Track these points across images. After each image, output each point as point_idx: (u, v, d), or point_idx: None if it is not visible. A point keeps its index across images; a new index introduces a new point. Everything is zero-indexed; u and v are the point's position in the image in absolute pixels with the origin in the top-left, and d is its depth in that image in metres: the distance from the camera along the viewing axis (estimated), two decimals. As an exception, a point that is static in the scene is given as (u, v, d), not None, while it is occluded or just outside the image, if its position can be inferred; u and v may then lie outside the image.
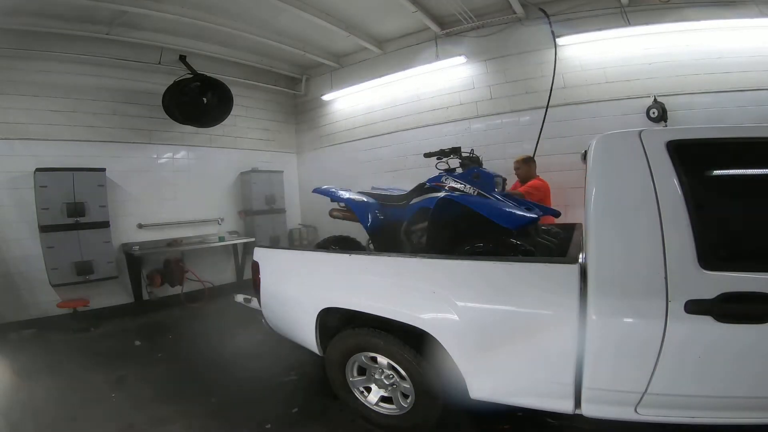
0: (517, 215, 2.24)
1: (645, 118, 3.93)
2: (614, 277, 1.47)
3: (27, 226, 4.17)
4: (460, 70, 5.05)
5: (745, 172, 1.58)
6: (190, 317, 4.61)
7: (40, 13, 3.93)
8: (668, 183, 1.46)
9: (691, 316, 1.35)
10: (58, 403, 2.56)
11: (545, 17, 4.31)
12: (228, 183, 6.05)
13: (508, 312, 1.64)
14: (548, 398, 1.63)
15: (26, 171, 4.18)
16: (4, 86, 4.14)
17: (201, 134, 5.56)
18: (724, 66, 3.68)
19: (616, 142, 1.64)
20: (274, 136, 6.72)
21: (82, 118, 4.64)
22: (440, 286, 1.77)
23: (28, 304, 4.17)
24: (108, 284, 4.58)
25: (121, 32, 4.45)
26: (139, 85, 5.04)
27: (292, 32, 5.11)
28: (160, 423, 2.30)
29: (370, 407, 2.16)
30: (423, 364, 1.88)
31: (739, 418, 1.43)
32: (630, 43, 4.05)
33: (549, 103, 4.38)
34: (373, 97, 5.85)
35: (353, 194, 3.08)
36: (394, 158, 5.66)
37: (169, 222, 5.32)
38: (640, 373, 1.43)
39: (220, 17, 4.52)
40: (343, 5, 4.57)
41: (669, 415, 1.49)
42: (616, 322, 1.45)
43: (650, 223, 1.44)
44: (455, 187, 2.64)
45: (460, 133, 5.03)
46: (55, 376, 2.98)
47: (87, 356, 3.44)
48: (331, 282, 2.15)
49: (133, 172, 5.02)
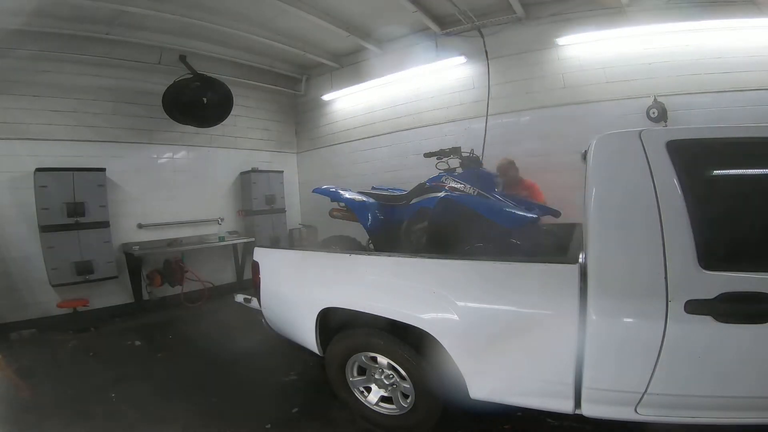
0: (517, 215, 2.24)
1: (645, 118, 3.92)
2: (614, 277, 1.47)
3: (27, 226, 4.17)
4: (460, 70, 5.05)
5: (745, 172, 1.58)
6: (190, 317, 4.61)
7: (40, 13, 3.92)
8: (668, 183, 1.46)
9: (691, 316, 1.35)
10: (58, 403, 2.56)
11: (545, 17, 4.31)
12: (228, 183, 6.05)
13: (508, 312, 1.64)
14: (548, 398, 1.63)
15: (26, 171, 4.17)
16: (4, 86, 4.14)
17: (201, 134, 5.56)
18: (724, 66, 3.67)
19: (616, 142, 1.64)
20: (274, 136, 6.71)
21: (82, 118, 4.64)
22: (440, 286, 1.77)
23: (28, 304, 4.17)
24: (108, 284, 4.58)
25: (121, 32, 4.45)
26: (139, 85, 5.03)
27: (292, 32, 5.11)
28: (160, 423, 2.31)
29: (370, 407, 2.16)
30: (423, 364, 1.88)
31: (739, 418, 1.43)
32: (630, 43, 4.05)
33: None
34: (373, 97, 5.84)
35: (353, 194, 3.09)
36: (394, 158, 5.65)
37: (169, 222, 5.31)
38: (640, 373, 1.43)
39: (220, 17, 4.51)
40: (343, 5, 4.56)
41: (669, 415, 1.49)
42: (616, 322, 1.45)
43: (650, 223, 1.44)
44: (455, 187, 2.64)
45: (460, 133, 5.03)
46: (55, 376, 2.98)
47: (87, 356, 3.44)
48: (331, 282, 2.15)
49: (133, 172, 5.02)
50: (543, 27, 4.40)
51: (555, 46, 4.38)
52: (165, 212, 5.29)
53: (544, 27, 4.38)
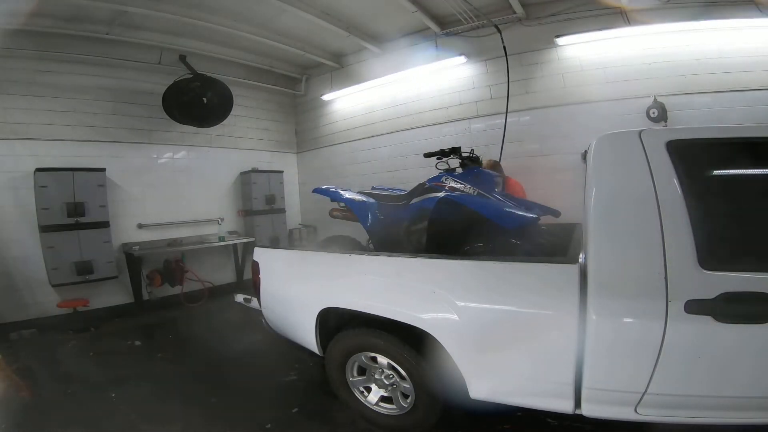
0: (517, 215, 2.24)
1: (645, 118, 3.92)
2: (614, 277, 1.47)
3: (27, 226, 4.16)
4: (460, 70, 5.05)
5: (745, 172, 1.58)
6: (190, 317, 4.61)
7: (40, 13, 3.92)
8: (668, 183, 1.46)
9: (691, 316, 1.35)
10: (58, 403, 2.56)
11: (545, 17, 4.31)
12: (228, 183, 6.05)
13: (508, 312, 1.64)
14: (548, 398, 1.63)
15: (26, 171, 4.17)
16: (4, 86, 4.14)
17: (201, 134, 5.56)
18: (724, 66, 3.68)
19: (616, 142, 1.64)
20: (274, 136, 6.71)
21: (82, 118, 4.64)
22: (440, 286, 1.77)
23: (28, 304, 4.17)
24: (108, 284, 4.57)
25: (121, 32, 4.45)
26: (139, 85, 5.03)
27: (292, 32, 5.11)
28: (160, 423, 2.30)
29: (370, 407, 2.16)
30: (423, 364, 1.88)
31: (739, 418, 1.43)
32: (630, 43, 4.05)
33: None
34: (373, 97, 5.84)
35: (353, 194, 3.08)
36: (394, 158, 5.65)
37: (169, 222, 5.31)
38: (640, 373, 1.43)
39: (220, 17, 4.51)
40: (343, 5, 4.56)
41: (669, 415, 1.49)
42: (616, 322, 1.45)
43: (650, 223, 1.44)
44: (455, 187, 2.64)
45: (460, 133, 5.03)
46: (55, 376, 2.98)
47: (87, 356, 3.44)
48: (331, 282, 2.15)
49: (133, 172, 5.02)
50: (543, 27, 4.40)
51: (555, 46, 4.38)
52: (165, 212, 5.29)
53: (544, 27, 4.38)
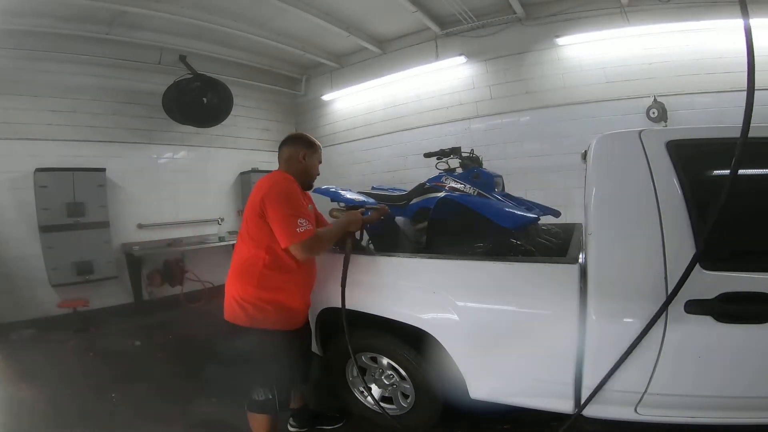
0: (517, 215, 2.24)
1: (645, 118, 3.92)
2: (614, 277, 1.47)
3: (27, 226, 4.16)
4: (460, 70, 5.05)
5: (745, 172, 1.58)
6: (190, 317, 4.61)
7: (40, 13, 3.93)
8: (668, 183, 1.46)
9: (691, 316, 1.35)
10: (58, 403, 2.56)
11: (545, 17, 4.31)
12: (228, 183, 6.05)
13: (508, 312, 1.64)
14: (548, 398, 1.63)
15: (26, 171, 4.17)
16: (4, 86, 4.14)
17: (201, 134, 5.55)
18: (724, 66, 3.67)
19: (616, 142, 1.64)
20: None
21: (82, 118, 4.63)
22: (440, 286, 1.77)
23: (28, 304, 4.16)
24: (108, 284, 4.57)
25: (121, 32, 4.44)
26: (139, 85, 5.03)
27: (292, 32, 5.11)
28: (159, 423, 2.30)
29: (370, 407, 2.16)
30: (423, 364, 1.88)
31: (739, 418, 1.43)
32: (630, 43, 4.05)
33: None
34: (373, 97, 5.84)
35: (353, 194, 3.08)
36: (394, 158, 5.65)
37: (169, 222, 5.31)
38: (640, 373, 1.43)
39: (220, 17, 4.51)
40: (343, 5, 4.56)
41: (669, 415, 1.49)
42: (616, 322, 1.45)
43: (650, 223, 1.44)
44: (455, 187, 2.64)
45: (460, 133, 5.03)
46: (55, 376, 2.98)
47: (87, 356, 3.44)
48: (331, 282, 2.15)
49: (133, 172, 5.01)
50: (543, 27, 4.40)
51: (555, 46, 4.38)
52: (165, 212, 5.29)
53: (544, 27, 4.39)
